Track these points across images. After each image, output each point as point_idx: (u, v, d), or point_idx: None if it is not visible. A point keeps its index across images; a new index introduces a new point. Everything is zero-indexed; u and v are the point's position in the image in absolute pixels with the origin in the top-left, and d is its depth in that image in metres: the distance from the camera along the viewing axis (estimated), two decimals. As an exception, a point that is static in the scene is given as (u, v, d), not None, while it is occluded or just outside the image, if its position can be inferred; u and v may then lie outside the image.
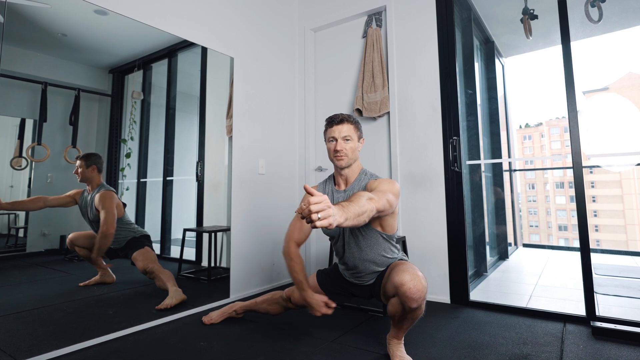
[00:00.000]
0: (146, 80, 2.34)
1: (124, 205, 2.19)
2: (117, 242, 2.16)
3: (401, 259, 1.74)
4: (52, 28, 1.88)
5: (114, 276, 2.11)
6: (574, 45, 2.17)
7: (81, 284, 1.99)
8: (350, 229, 1.65)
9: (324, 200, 1.08)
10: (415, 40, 2.70)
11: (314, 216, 1.06)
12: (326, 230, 1.62)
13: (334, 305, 1.64)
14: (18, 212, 1.84)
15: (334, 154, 1.66)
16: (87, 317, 1.89)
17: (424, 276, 1.50)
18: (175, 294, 2.18)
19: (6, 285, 1.74)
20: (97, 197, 2.08)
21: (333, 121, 1.66)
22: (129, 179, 2.23)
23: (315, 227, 1.07)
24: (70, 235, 2.01)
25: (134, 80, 2.26)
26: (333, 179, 1.78)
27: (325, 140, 1.71)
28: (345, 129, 1.64)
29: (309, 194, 1.11)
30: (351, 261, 1.72)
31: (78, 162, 2.03)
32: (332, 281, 1.89)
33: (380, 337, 1.87)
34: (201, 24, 2.48)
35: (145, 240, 2.25)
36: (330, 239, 1.82)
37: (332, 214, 1.10)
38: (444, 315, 2.20)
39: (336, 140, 1.64)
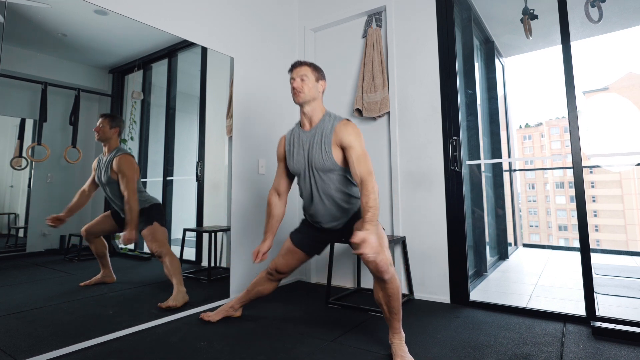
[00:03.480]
0: (146, 80, 2.34)
1: (139, 170, 2.19)
2: (124, 215, 2.14)
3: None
4: (52, 28, 1.88)
5: (115, 277, 2.11)
6: (574, 45, 2.17)
7: (82, 284, 1.99)
8: (315, 169, 1.81)
9: (370, 245, 1.45)
10: (415, 40, 2.70)
11: (369, 257, 1.47)
12: (293, 167, 1.89)
13: (264, 257, 1.92)
14: (18, 212, 1.84)
15: (292, 92, 1.84)
16: (87, 317, 1.89)
17: (386, 242, 1.66)
18: (178, 296, 2.18)
19: (6, 285, 1.74)
20: (115, 160, 2.07)
21: (293, 66, 1.87)
22: (129, 179, 2.22)
23: (369, 263, 1.53)
24: (83, 228, 2.01)
25: (134, 80, 2.25)
26: (300, 122, 1.93)
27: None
28: (302, 70, 1.83)
29: (355, 252, 1.46)
30: (316, 197, 1.83)
31: (101, 119, 2.04)
32: (304, 235, 1.98)
33: (380, 337, 1.87)
34: (201, 24, 2.48)
35: (155, 212, 2.22)
36: (297, 177, 1.95)
37: (376, 246, 1.48)
38: (444, 315, 2.20)
39: (294, 79, 1.83)
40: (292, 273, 2.04)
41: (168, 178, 2.46)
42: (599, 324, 1.91)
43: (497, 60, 4.28)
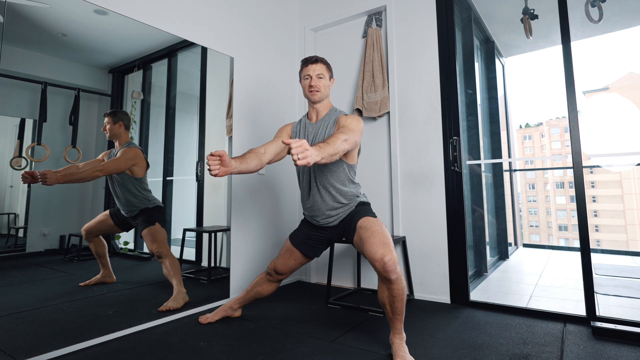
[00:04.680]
0: (146, 80, 2.34)
1: (147, 166, 2.20)
2: (130, 209, 2.15)
3: (363, 203, 1.89)
4: (52, 28, 1.88)
5: (114, 277, 2.11)
6: (574, 45, 2.16)
7: (81, 284, 1.99)
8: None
9: (302, 144, 1.30)
10: (415, 40, 2.70)
11: (294, 157, 1.29)
12: (297, 168, 1.90)
13: (215, 155, 1.50)
14: (17, 212, 1.84)
15: (308, 90, 1.86)
16: (87, 317, 1.89)
17: (392, 242, 1.66)
18: (178, 297, 2.18)
19: (6, 285, 1.74)
20: (120, 151, 2.11)
21: (308, 61, 1.87)
22: (129, 179, 2.22)
23: (296, 165, 1.31)
24: (83, 228, 2.02)
25: (134, 80, 2.25)
26: (307, 114, 1.98)
27: (300, 80, 1.91)
28: (319, 68, 1.85)
29: (285, 144, 1.32)
30: (314, 188, 1.85)
31: (105, 118, 2.08)
32: (302, 235, 1.98)
33: (380, 337, 1.87)
34: (201, 24, 2.48)
35: (157, 213, 2.23)
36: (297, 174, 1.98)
37: (310, 155, 1.32)
38: (444, 315, 2.20)
39: (311, 77, 1.84)
40: (291, 274, 2.04)
41: (168, 178, 2.46)
42: (599, 324, 1.91)
43: (497, 60, 4.28)
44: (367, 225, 1.72)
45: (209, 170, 1.48)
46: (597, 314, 2.01)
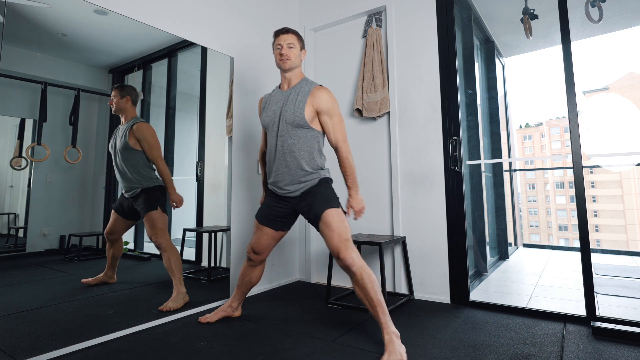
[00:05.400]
0: (146, 80, 2.34)
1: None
2: (132, 187, 2.14)
3: (325, 181, 1.90)
4: (52, 28, 1.88)
5: (116, 278, 2.11)
6: (574, 45, 2.16)
7: (84, 281, 2.00)
8: (285, 122, 1.87)
9: (360, 210, 1.88)
10: (415, 40, 2.70)
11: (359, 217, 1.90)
12: (263, 121, 1.97)
13: None
14: (17, 212, 1.84)
15: (279, 58, 1.90)
16: (87, 317, 1.89)
17: (347, 233, 1.76)
18: (178, 297, 2.18)
19: (6, 285, 1.74)
20: (135, 126, 2.12)
21: (280, 32, 1.93)
22: (129, 179, 2.22)
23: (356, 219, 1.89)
24: (106, 232, 2.07)
25: (134, 80, 2.25)
26: (279, 85, 2.02)
27: (273, 52, 1.96)
28: (289, 38, 1.91)
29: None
30: (279, 152, 1.88)
31: (113, 92, 2.09)
32: (266, 210, 2.00)
33: (380, 337, 1.87)
34: (201, 24, 2.48)
35: (159, 194, 2.21)
36: (266, 131, 1.99)
37: (361, 206, 1.87)
38: (444, 315, 2.20)
39: (282, 46, 1.90)
40: (269, 251, 2.04)
41: (168, 178, 2.46)
42: (599, 324, 1.91)
43: (497, 60, 4.28)
44: (327, 221, 1.77)
45: None
46: (597, 314, 2.01)
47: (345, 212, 1.87)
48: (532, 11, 3.29)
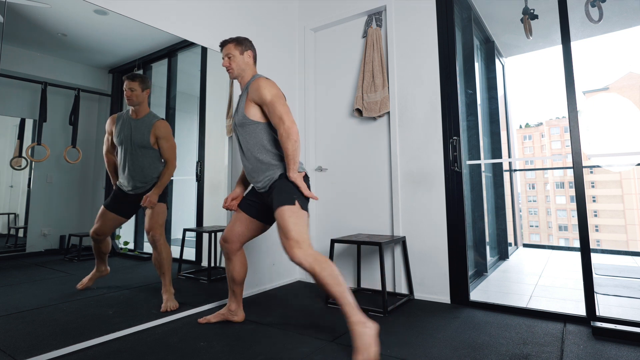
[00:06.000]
0: (146, 80, 2.34)
1: None
2: (142, 184, 2.12)
3: (284, 175, 1.84)
4: (52, 28, 1.88)
5: (109, 268, 2.10)
6: (574, 45, 2.16)
7: (79, 286, 1.98)
8: (237, 124, 1.91)
9: (305, 190, 1.81)
10: (415, 40, 2.70)
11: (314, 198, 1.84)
12: (231, 126, 2.04)
13: (232, 204, 2.04)
14: (17, 212, 1.84)
15: (227, 71, 1.97)
16: (87, 317, 1.89)
17: (296, 231, 1.70)
18: (172, 296, 2.17)
19: (6, 285, 1.74)
20: (157, 123, 2.10)
21: (220, 46, 1.98)
22: (129, 179, 2.22)
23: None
24: (92, 231, 2.00)
25: (134, 80, 2.25)
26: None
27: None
28: (227, 50, 1.94)
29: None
30: (241, 153, 1.94)
31: (131, 83, 2.05)
32: (247, 198, 2.03)
33: (380, 337, 1.86)
34: (201, 24, 2.48)
35: (166, 189, 2.21)
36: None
37: (302, 186, 1.80)
38: (444, 315, 2.20)
39: (223, 59, 1.96)
40: (241, 242, 2.00)
41: (168, 178, 2.46)
42: (599, 324, 1.91)
43: (497, 60, 4.28)
44: (278, 221, 1.76)
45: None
46: (597, 314, 2.01)
47: (304, 206, 1.81)
48: (532, 11, 3.29)
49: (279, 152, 1.88)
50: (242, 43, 1.97)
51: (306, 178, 1.89)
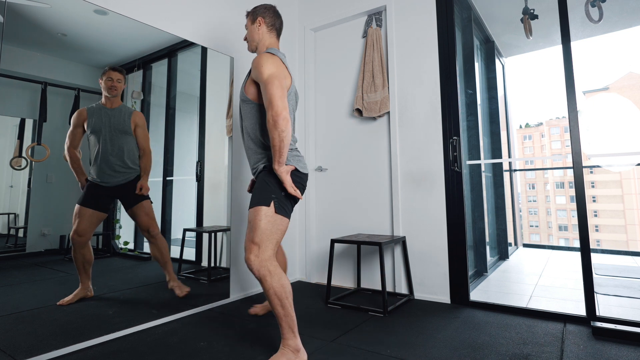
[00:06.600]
0: (146, 80, 2.34)
1: None
2: (124, 174, 2.11)
3: (267, 168, 1.68)
4: (52, 28, 1.88)
5: (92, 290, 1.98)
6: (574, 45, 2.16)
7: (60, 303, 1.85)
8: (242, 101, 1.80)
9: (289, 186, 1.61)
10: (415, 40, 2.70)
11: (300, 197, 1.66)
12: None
13: None
14: (17, 212, 1.84)
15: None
16: (87, 317, 1.89)
17: (257, 235, 1.55)
18: (180, 284, 2.25)
19: (6, 285, 1.74)
20: (136, 112, 2.16)
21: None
22: (129, 179, 2.22)
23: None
24: (74, 233, 1.92)
25: (134, 80, 2.25)
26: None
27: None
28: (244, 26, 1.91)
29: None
30: (242, 130, 1.83)
31: (117, 75, 2.08)
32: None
33: (380, 337, 1.87)
34: (201, 24, 2.48)
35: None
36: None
37: (288, 181, 1.60)
38: (444, 315, 2.20)
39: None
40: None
41: (168, 178, 2.46)
42: (599, 324, 1.91)
43: (497, 60, 4.28)
44: (249, 219, 1.62)
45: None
46: (597, 314, 2.01)
47: (283, 204, 1.63)
48: (532, 11, 3.29)
49: (265, 140, 1.70)
50: (253, 11, 1.86)
51: (302, 176, 1.71)
